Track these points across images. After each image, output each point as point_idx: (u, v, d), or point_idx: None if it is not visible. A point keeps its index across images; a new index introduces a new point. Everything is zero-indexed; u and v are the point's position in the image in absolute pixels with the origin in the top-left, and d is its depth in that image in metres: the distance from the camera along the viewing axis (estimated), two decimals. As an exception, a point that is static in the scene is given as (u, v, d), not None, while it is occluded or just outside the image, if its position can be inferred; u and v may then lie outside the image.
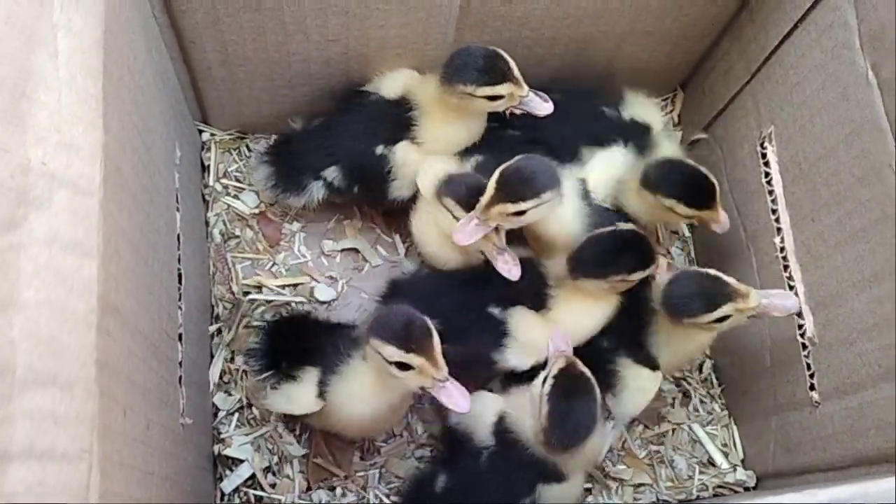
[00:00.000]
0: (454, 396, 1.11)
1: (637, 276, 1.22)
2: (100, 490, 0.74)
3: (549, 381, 1.15)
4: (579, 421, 1.13)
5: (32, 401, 0.70)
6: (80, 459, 0.72)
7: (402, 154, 1.35)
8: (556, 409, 1.13)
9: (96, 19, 0.83)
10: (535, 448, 1.19)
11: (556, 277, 1.28)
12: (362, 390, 1.17)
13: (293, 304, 1.47)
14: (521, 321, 1.26)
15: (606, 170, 1.33)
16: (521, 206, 1.17)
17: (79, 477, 0.72)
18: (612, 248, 1.22)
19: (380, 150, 1.36)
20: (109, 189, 0.82)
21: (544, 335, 1.25)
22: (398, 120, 1.34)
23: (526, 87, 1.24)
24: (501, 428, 1.22)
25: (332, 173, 1.38)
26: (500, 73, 1.23)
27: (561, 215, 1.25)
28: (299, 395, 1.22)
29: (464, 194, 1.24)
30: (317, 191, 1.41)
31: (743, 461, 1.43)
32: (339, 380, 1.19)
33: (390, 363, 1.10)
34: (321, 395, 1.20)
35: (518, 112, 1.27)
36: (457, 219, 1.24)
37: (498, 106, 1.27)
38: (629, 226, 1.28)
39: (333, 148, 1.38)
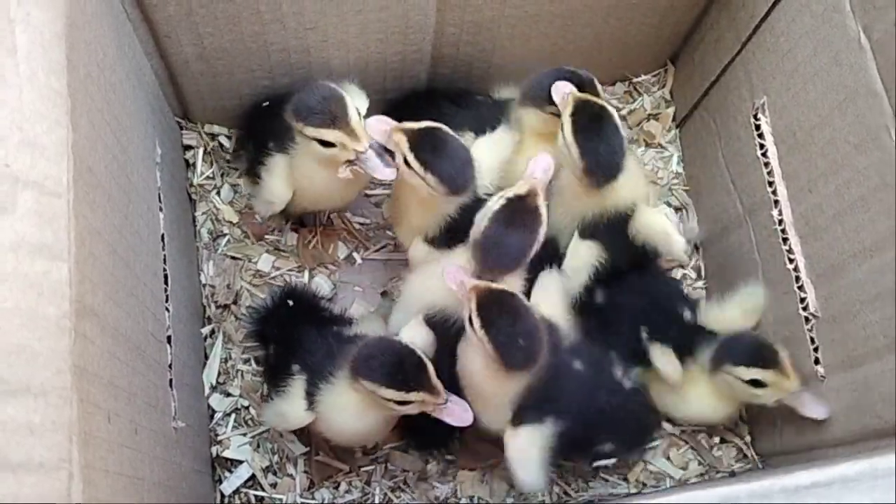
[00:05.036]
0: (456, 413, 1.11)
1: (741, 374, 1.22)
2: (83, 499, 0.72)
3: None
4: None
5: (4, 411, 0.68)
6: (58, 469, 0.70)
7: (273, 164, 1.31)
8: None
9: (57, 13, 0.80)
10: None
11: None
12: (352, 406, 1.15)
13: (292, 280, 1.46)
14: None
15: (492, 154, 1.27)
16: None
17: (58, 487, 0.70)
18: (742, 342, 1.26)
19: (270, 145, 1.33)
20: (80, 189, 0.80)
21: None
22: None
23: (365, 143, 1.17)
24: None
25: None
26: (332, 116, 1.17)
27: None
28: (288, 411, 1.20)
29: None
30: None
31: (751, 438, 1.41)
32: (329, 391, 1.17)
33: (388, 400, 1.10)
34: (311, 406, 1.18)
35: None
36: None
37: (330, 154, 1.20)
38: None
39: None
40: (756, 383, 1.21)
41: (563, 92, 1.21)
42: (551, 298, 1.22)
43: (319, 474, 1.36)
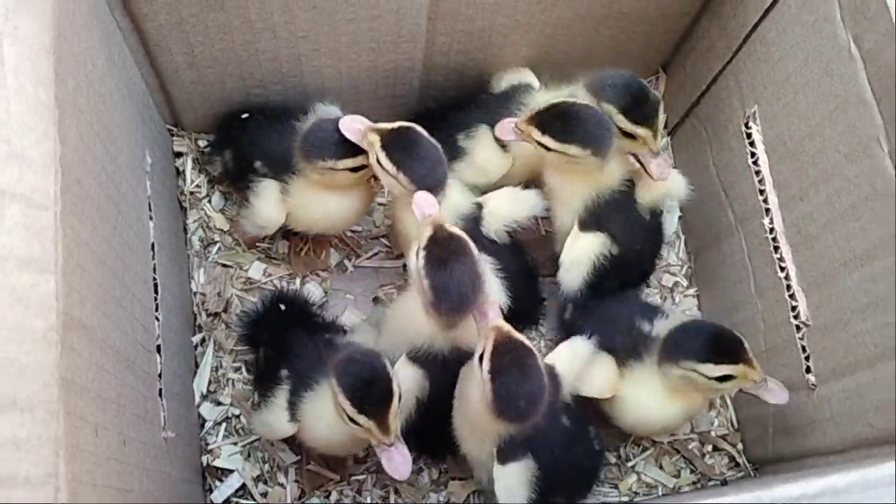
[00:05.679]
0: (395, 462, 1.09)
1: (707, 372, 1.15)
2: (69, 512, 0.71)
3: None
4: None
5: (-10, 427, 0.68)
6: (44, 484, 0.70)
7: (263, 189, 1.32)
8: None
9: (45, 25, 0.80)
10: None
11: None
12: (329, 415, 1.14)
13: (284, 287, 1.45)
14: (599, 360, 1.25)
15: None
16: (547, 141, 1.19)
17: (44, 501, 0.69)
18: (697, 334, 1.19)
19: (257, 164, 1.34)
20: (68, 201, 0.80)
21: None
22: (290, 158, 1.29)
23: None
24: None
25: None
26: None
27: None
28: (272, 421, 1.20)
29: (628, 102, 1.21)
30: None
31: (743, 446, 1.41)
32: (311, 399, 1.17)
33: (343, 410, 1.09)
34: (293, 416, 1.18)
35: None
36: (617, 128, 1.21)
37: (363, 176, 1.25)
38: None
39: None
40: (723, 378, 1.15)
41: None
42: (573, 364, 1.20)
43: (310, 483, 1.36)
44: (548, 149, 1.20)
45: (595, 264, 1.29)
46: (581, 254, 1.28)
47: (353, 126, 1.19)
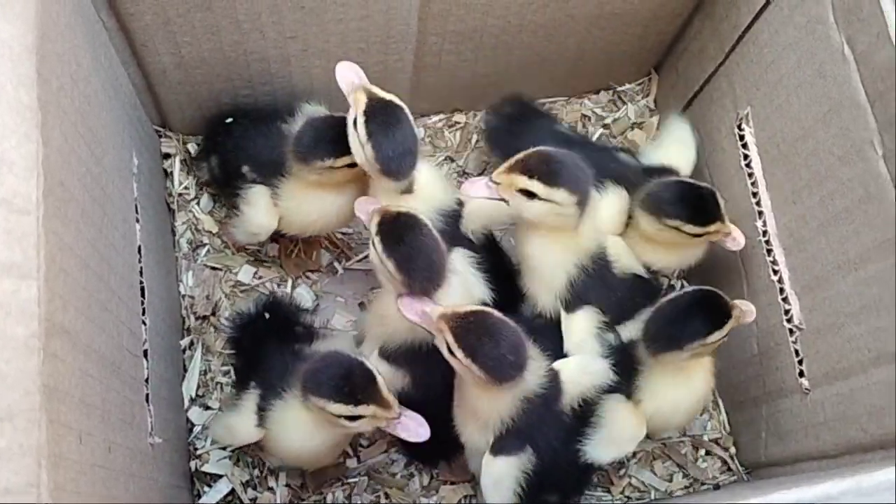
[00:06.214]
0: (411, 428, 1.08)
1: (716, 338, 1.14)
2: (51, 521, 0.70)
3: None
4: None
5: (-31, 437, 0.66)
6: (25, 493, 0.69)
7: (253, 196, 1.31)
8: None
9: (27, 26, 0.79)
10: None
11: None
12: (301, 426, 1.13)
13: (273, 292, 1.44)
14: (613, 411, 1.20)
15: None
16: (535, 186, 1.11)
17: (26, 507, 0.68)
18: (682, 315, 1.15)
19: (245, 169, 1.33)
20: (51, 205, 0.78)
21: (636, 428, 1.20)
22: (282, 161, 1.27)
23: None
24: None
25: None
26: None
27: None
28: (237, 424, 1.18)
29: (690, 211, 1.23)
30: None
31: (735, 450, 1.40)
32: (281, 407, 1.15)
33: (339, 416, 1.07)
34: (261, 423, 1.16)
35: None
36: (687, 234, 1.24)
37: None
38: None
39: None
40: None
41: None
42: (581, 378, 1.17)
43: (314, 482, 1.35)
44: (532, 196, 1.12)
45: (600, 334, 1.23)
46: (581, 336, 1.22)
47: (349, 76, 1.14)
